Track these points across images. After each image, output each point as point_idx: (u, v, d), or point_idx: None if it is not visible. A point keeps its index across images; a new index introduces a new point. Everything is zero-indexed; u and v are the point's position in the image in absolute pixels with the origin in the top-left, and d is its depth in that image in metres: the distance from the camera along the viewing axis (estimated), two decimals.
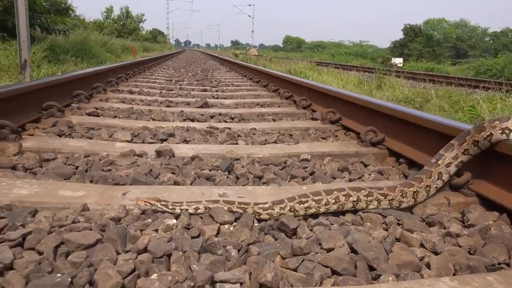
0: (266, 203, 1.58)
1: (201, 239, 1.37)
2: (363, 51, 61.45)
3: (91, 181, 1.93)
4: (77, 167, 2.11)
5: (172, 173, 2.08)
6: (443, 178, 1.80)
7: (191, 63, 15.77)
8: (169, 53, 25.24)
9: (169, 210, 1.55)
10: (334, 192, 1.63)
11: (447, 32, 57.85)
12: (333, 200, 1.62)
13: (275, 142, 2.88)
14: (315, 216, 1.63)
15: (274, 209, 1.56)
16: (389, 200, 1.67)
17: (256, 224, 1.50)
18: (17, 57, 9.30)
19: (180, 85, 6.65)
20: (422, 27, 57.04)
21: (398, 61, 26.81)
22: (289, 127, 3.40)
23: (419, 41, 54.45)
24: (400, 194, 1.69)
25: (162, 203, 1.55)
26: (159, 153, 2.39)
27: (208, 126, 3.23)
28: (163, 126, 3.16)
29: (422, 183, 1.73)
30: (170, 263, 1.23)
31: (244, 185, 1.98)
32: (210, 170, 2.16)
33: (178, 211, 1.55)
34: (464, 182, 1.85)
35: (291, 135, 3.13)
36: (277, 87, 5.93)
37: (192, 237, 1.39)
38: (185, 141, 2.80)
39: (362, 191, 1.65)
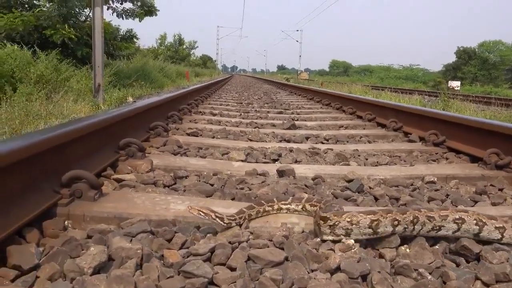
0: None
1: (385, 261, 1.33)
2: (413, 74, 60.30)
3: (232, 199, 1.94)
4: (212, 185, 2.13)
5: (305, 193, 2.06)
6: None
7: (248, 87, 16.01)
8: (222, 78, 25.78)
9: (224, 224, 1.52)
10: None
11: (504, 54, 55.58)
12: None
13: (387, 164, 2.81)
14: (486, 242, 1.53)
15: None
16: None
17: (436, 247, 1.43)
18: (88, 82, 9.86)
19: (254, 108, 6.73)
20: (476, 50, 55.28)
21: (455, 84, 25.90)
22: (391, 149, 3.31)
23: (473, 64, 52.75)
24: None
25: (217, 214, 1.52)
26: (281, 173, 2.38)
27: (310, 147, 3.21)
28: (267, 146, 3.17)
29: None
30: (373, 284, 1.18)
31: (385, 206, 1.92)
32: (342, 191, 2.12)
33: (233, 225, 1.54)
34: None
35: (399, 157, 3.04)
36: (354, 109, 5.85)
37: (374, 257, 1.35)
38: (296, 162, 2.78)
39: None
